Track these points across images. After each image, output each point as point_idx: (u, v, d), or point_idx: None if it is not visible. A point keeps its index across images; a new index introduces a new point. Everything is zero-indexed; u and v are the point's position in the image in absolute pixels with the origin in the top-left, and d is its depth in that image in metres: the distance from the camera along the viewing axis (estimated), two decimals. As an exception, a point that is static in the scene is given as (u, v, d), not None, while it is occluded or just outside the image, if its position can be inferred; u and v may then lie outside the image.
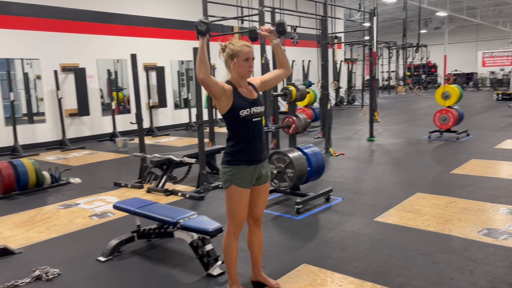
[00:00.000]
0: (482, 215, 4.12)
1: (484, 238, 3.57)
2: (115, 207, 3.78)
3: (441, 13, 24.14)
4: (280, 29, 2.74)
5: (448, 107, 8.90)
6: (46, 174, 5.91)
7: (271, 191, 4.88)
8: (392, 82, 28.09)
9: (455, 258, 3.21)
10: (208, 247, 3.13)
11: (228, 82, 2.59)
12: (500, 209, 4.27)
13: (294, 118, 4.76)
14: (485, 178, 5.53)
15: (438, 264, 3.13)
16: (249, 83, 2.67)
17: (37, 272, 3.16)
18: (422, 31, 30.66)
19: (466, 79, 29.94)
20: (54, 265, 3.32)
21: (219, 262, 3.10)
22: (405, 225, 3.97)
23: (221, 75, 2.61)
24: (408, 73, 23.95)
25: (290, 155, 4.55)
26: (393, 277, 2.94)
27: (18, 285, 3.04)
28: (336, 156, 7.44)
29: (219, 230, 3.02)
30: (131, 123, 6.57)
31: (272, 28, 2.70)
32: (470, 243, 3.48)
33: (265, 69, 6.06)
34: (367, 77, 17.29)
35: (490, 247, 3.38)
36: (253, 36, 2.77)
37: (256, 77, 2.78)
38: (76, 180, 6.26)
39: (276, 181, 4.76)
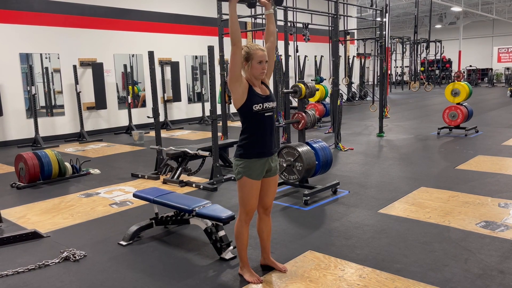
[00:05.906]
0: (481, 209, 4.32)
1: (481, 229, 3.77)
2: (135, 195, 4.07)
3: (456, 8, 23.97)
4: (278, 0, 2.91)
5: (458, 104, 9.02)
6: (67, 165, 6.25)
7: (281, 184, 5.13)
8: (406, 78, 28.01)
9: (452, 248, 3.42)
10: (221, 233, 3.40)
11: None
12: (500, 203, 4.46)
13: (303, 114, 4.99)
14: (489, 174, 5.70)
15: (435, 252, 3.35)
16: (262, 82, 2.92)
17: (65, 254, 3.46)
18: (437, 26, 30.52)
19: (481, 75, 29.71)
20: (80, 248, 3.62)
21: (231, 247, 3.36)
22: (407, 217, 4.18)
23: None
24: (422, 69, 23.85)
25: (299, 149, 4.78)
26: (391, 263, 3.17)
27: (48, 264, 3.34)
28: (345, 151, 7.64)
29: (232, 218, 3.28)
30: (148, 117, 6.86)
31: None
32: (467, 234, 3.68)
33: (276, 66, 6.29)
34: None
35: (486, 238, 3.58)
36: (252, 2, 2.89)
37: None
38: (96, 171, 6.58)
39: (286, 174, 4.99)
